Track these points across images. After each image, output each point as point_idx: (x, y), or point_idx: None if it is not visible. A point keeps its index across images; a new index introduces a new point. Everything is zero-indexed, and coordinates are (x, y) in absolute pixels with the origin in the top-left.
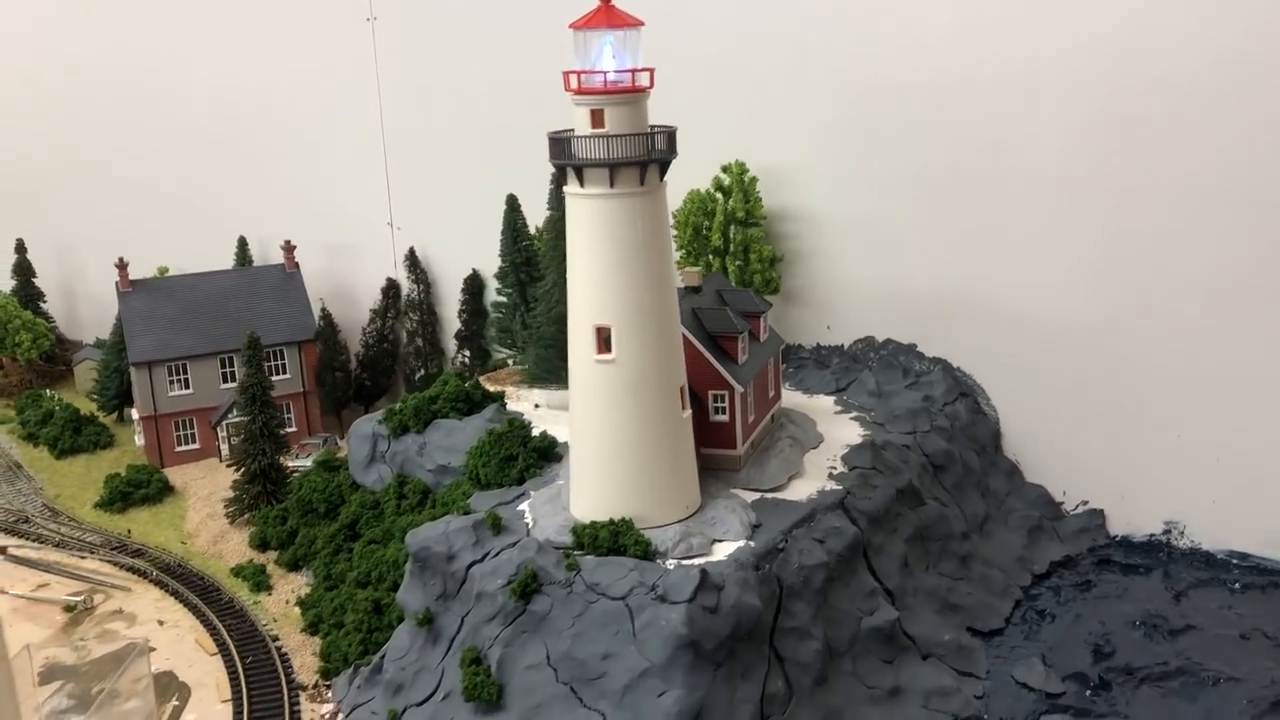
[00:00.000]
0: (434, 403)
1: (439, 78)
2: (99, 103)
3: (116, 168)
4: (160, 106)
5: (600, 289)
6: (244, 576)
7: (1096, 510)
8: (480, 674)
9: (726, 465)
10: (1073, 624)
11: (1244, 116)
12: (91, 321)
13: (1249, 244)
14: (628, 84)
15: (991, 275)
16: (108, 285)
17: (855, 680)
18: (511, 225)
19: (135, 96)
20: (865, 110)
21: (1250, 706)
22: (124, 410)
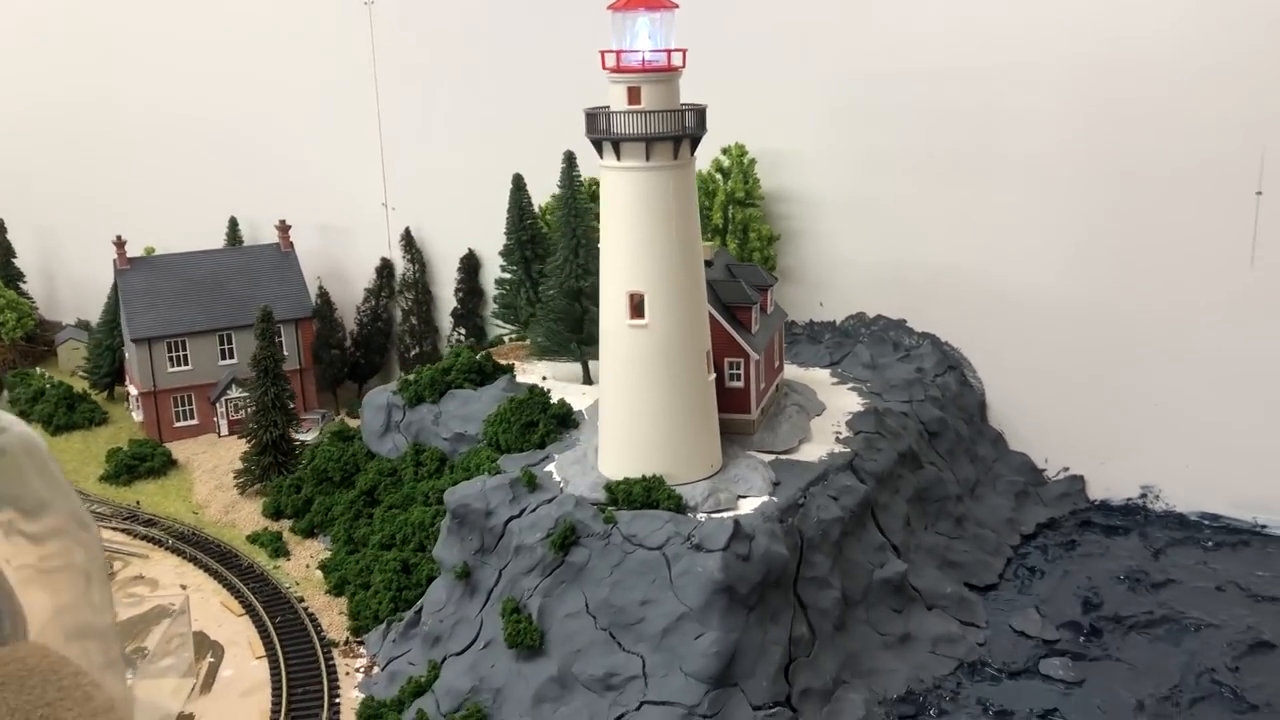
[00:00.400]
0: (448, 374)
1: (435, 60)
2: (78, 82)
3: (98, 148)
4: (144, 85)
5: (634, 257)
6: (261, 543)
7: (1077, 476)
8: (522, 621)
9: (741, 429)
10: (1061, 579)
11: (1226, 106)
12: (70, 303)
13: (1224, 227)
14: (664, 63)
15: (978, 254)
16: (88, 266)
17: (869, 628)
18: (517, 204)
19: (117, 75)
20: (860, 96)
21: (1230, 649)
22: (114, 388)
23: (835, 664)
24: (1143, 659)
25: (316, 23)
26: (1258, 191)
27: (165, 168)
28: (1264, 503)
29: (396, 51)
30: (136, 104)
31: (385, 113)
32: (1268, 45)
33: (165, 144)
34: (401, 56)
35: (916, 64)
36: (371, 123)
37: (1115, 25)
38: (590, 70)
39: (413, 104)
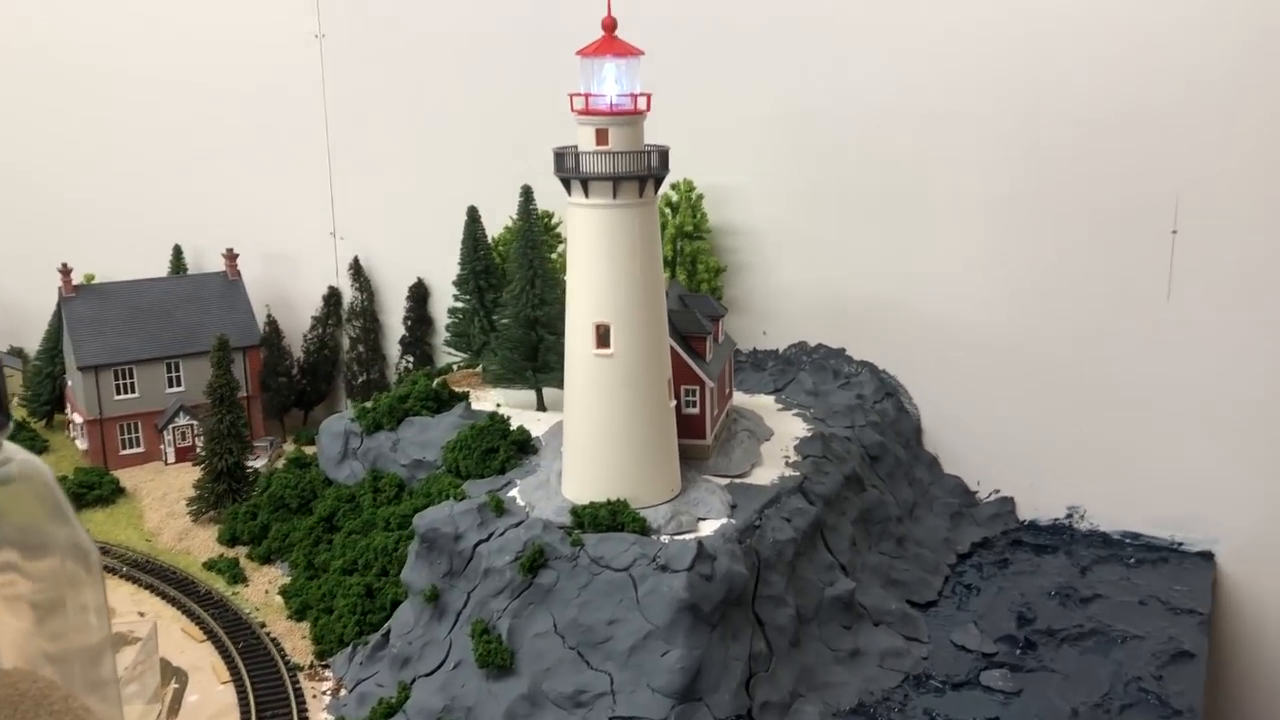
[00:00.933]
0: (405, 401)
1: (387, 92)
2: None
3: (34, 172)
4: (86, 110)
5: (601, 290)
6: (218, 570)
7: (1007, 498)
8: (492, 641)
9: (698, 454)
10: (996, 595)
11: (1143, 151)
12: (3, 328)
13: (1142, 263)
14: (630, 107)
15: (912, 286)
16: (22, 293)
17: (822, 644)
18: (472, 235)
19: (57, 98)
20: (802, 134)
21: (1154, 659)
22: (53, 416)
23: (792, 678)
24: (1075, 669)
25: (265, 53)
26: (1173, 230)
27: (106, 194)
28: (1180, 521)
29: (347, 83)
30: (76, 129)
31: (335, 143)
32: (1182, 95)
33: (106, 170)
34: (352, 88)
35: (853, 106)
36: (320, 152)
37: (1038, 75)
38: (544, 105)
39: (363, 134)
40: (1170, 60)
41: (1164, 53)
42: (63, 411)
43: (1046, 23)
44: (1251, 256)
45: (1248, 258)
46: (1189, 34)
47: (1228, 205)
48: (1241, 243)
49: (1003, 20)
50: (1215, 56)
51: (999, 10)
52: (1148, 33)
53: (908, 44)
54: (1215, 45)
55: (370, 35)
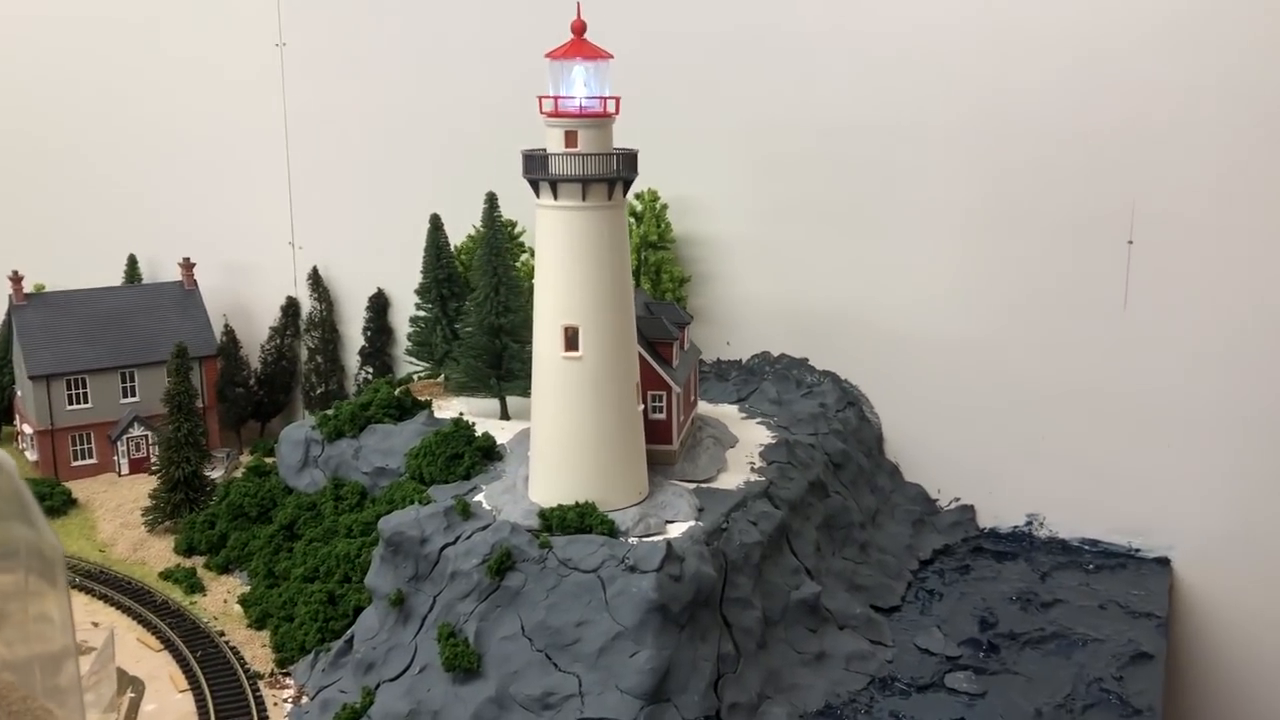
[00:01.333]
0: (367, 409)
1: (347, 101)
2: None
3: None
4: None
5: (569, 292)
6: (175, 579)
7: (968, 505)
8: (459, 644)
9: (663, 459)
10: (959, 600)
11: (1101, 163)
12: None
13: (1100, 273)
14: (599, 109)
15: (876, 296)
16: None
17: (788, 646)
18: (434, 243)
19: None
20: (766, 146)
21: (1114, 660)
22: (1, 428)
23: (759, 680)
24: (1037, 671)
25: (225, 61)
26: (1129, 241)
27: (59, 203)
28: (1137, 528)
29: (308, 92)
30: (28, 136)
31: (295, 152)
32: (1138, 109)
33: (59, 178)
34: (313, 96)
35: (818, 119)
36: (280, 161)
37: (1001, 90)
38: (508, 113)
39: (323, 143)
40: (1125, 77)
41: (1120, 70)
42: (11, 423)
43: (1008, 41)
44: (1205, 266)
45: (1202, 267)
46: (1144, 52)
47: (1182, 216)
48: (1196, 253)
49: (965, 38)
50: (1168, 74)
51: (962, 28)
52: (1104, 50)
53: (872, 59)
54: (1168, 63)
55: (332, 44)
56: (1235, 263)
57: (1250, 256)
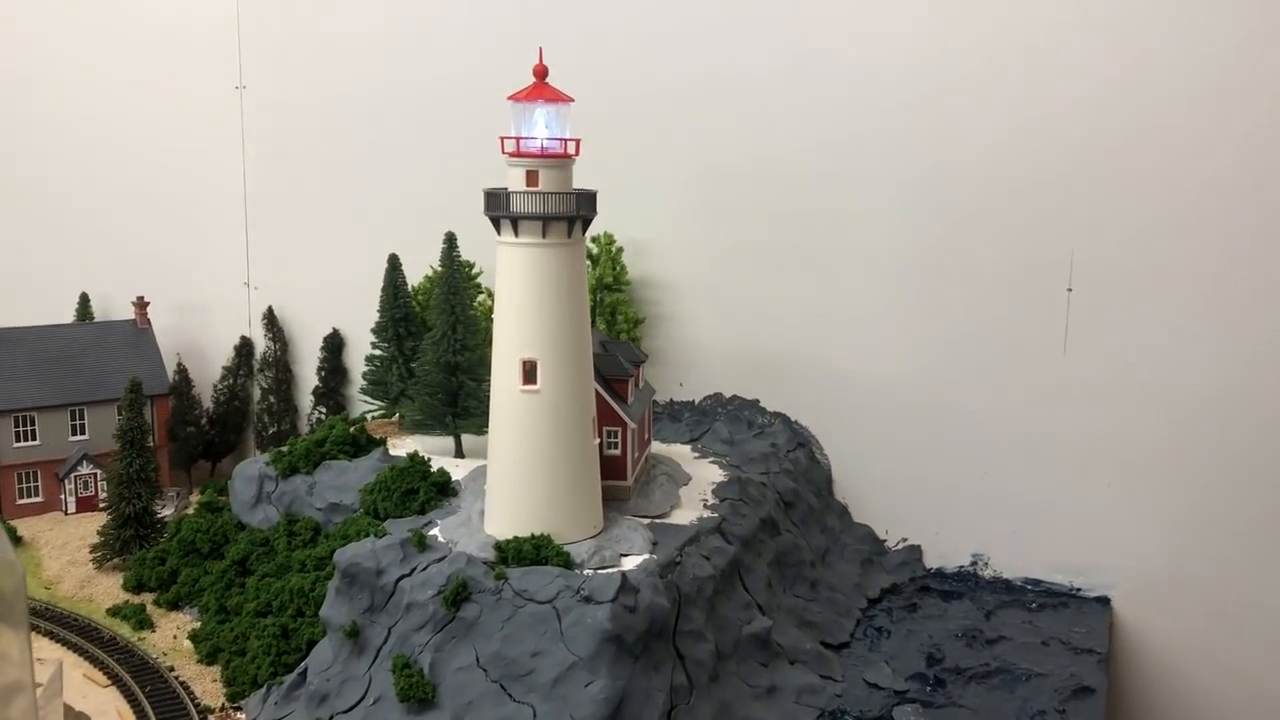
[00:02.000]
0: (322, 445)
1: (306, 144)
2: None
3: None
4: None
5: (529, 327)
6: (123, 616)
7: (915, 545)
8: (414, 675)
9: (618, 495)
10: (906, 637)
11: (1040, 213)
12: None
13: (1040, 319)
14: (560, 150)
15: (823, 340)
16: None
17: (739, 680)
18: (392, 282)
19: None
20: (719, 192)
21: (1056, 695)
22: None
23: (711, 712)
24: (983, 705)
25: (186, 103)
26: (1068, 288)
27: (10, 241)
28: (1078, 568)
29: (267, 134)
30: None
31: (252, 192)
32: (1075, 162)
33: (11, 215)
34: (271, 139)
35: (769, 167)
36: (237, 202)
37: (943, 143)
38: (466, 154)
39: (281, 185)
40: (1064, 125)
41: (1060, 124)
42: None
43: (952, 94)
44: (1142, 312)
45: (1141, 313)
46: (1083, 107)
47: (1121, 263)
48: (1135, 299)
49: (911, 92)
50: (1107, 122)
51: (906, 83)
52: (1045, 105)
53: (821, 110)
54: (1107, 111)
55: (291, 87)
56: (1171, 309)
57: (1185, 304)
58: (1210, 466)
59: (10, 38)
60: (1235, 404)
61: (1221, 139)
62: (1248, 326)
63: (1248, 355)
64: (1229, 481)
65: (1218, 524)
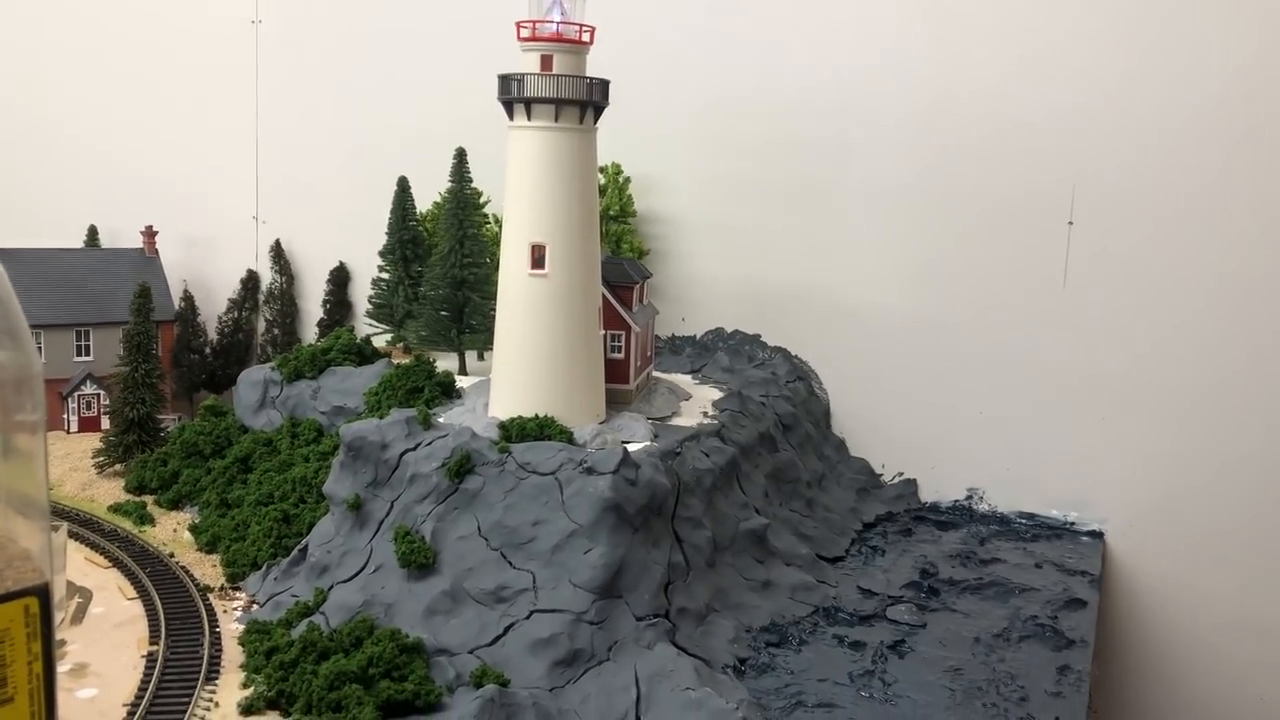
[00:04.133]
0: (327, 353)
1: (320, 79)
2: None
3: None
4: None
5: (538, 211)
6: (124, 512)
7: (910, 480)
8: (415, 542)
9: (620, 399)
10: (900, 556)
11: (1042, 147)
12: None
13: (1041, 252)
14: (575, 35)
15: (825, 274)
16: None
17: (735, 571)
18: (401, 204)
19: None
20: (724, 125)
21: (1049, 605)
22: None
23: (707, 594)
24: (976, 610)
25: (200, 37)
26: (1069, 221)
27: (17, 170)
28: (1073, 502)
29: (280, 68)
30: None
31: (264, 127)
32: (1076, 98)
33: (20, 145)
34: (286, 74)
35: (775, 99)
36: (249, 137)
37: (947, 77)
38: (478, 90)
39: (292, 118)
40: (1067, 61)
41: (1061, 57)
42: None
43: (956, 28)
44: (1143, 247)
45: (1139, 248)
46: (1084, 40)
47: (1121, 198)
48: (1134, 234)
49: (914, 22)
50: (1109, 59)
51: (911, 14)
52: (1046, 39)
53: (827, 42)
54: (1109, 48)
55: (308, 21)
56: (1171, 245)
57: (1185, 239)
58: (1203, 400)
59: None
60: (1231, 340)
61: (1225, 72)
62: (1248, 263)
63: (1245, 290)
64: (1222, 417)
65: (1209, 459)
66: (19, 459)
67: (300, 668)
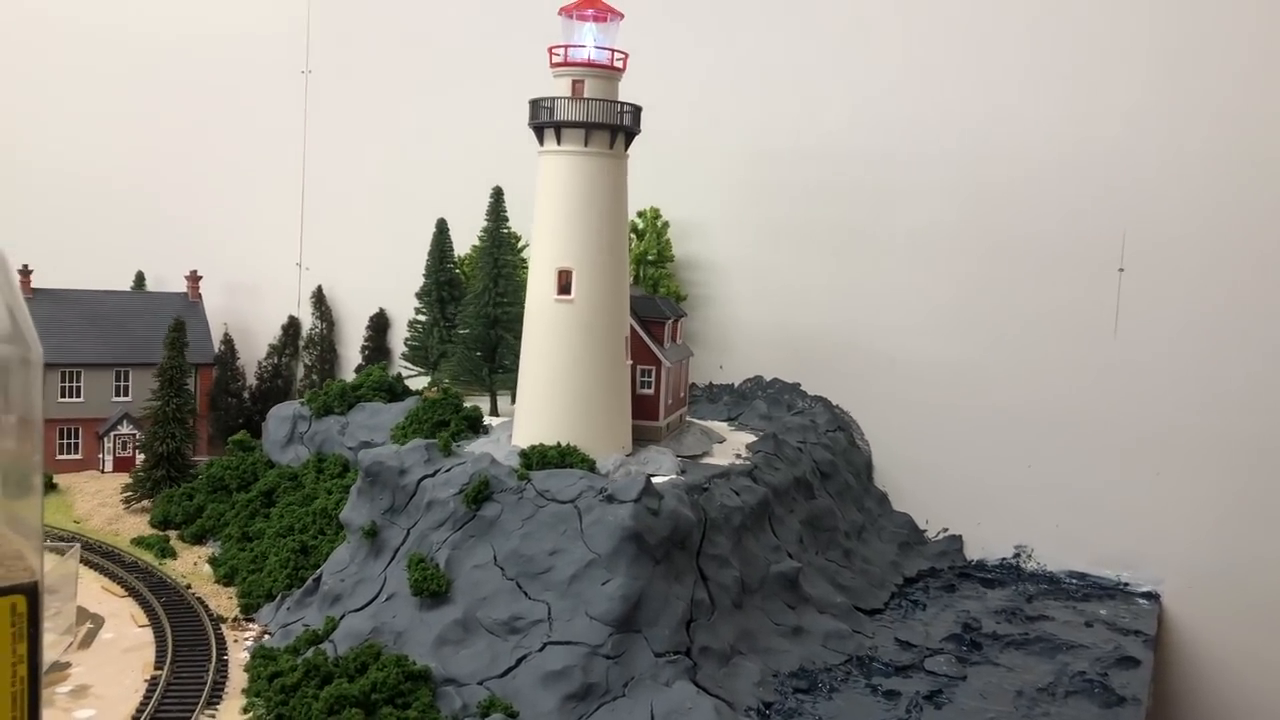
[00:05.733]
0: (357, 389)
1: (367, 128)
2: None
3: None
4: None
5: (565, 236)
6: (146, 545)
7: (955, 536)
8: (429, 569)
9: (649, 436)
10: (942, 610)
11: (1090, 191)
12: None
13: (1090, 300)
14: (606, 61)
15: (868, 322)
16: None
17: (765, 615)
18: (439, 246)
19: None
20: (764, 172)
21: (1099, 662)
22: None
23: (732, 635)
24: (1020, 664)
25: (253, 86)
26: (1119, 268)
27: (72, 220)
28: (1127, 561)
29: (328, 117)
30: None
31: (310, 175)
32: (1126, 139)
33: (74, 196)
34: (333, 122)
35: (815, 144)
36: (295, 184)
37: (992, 119)
38: (520, 144)
39: (338, 165)
40: (1114, 100)
41: (1108, 93)
42: None
43: (997, 66)
44: (1196, 294)
45: (1195, 295)
46: (1133, 74)
47: (1175, 243)
48: (1186, 280)
49: (956, 64)
50: (1159, 102)
51: (952, 56)
52: (1096, 78)
53: (868, 85)
54: (1158, 87)
55: (356, 71)
56: (1226, 291)
57: (1241, 284)
58: (1263, 453)
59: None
60: None
61: None
62: None
63: None
64: None
65: (1273, 517)
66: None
67: (301, 692)
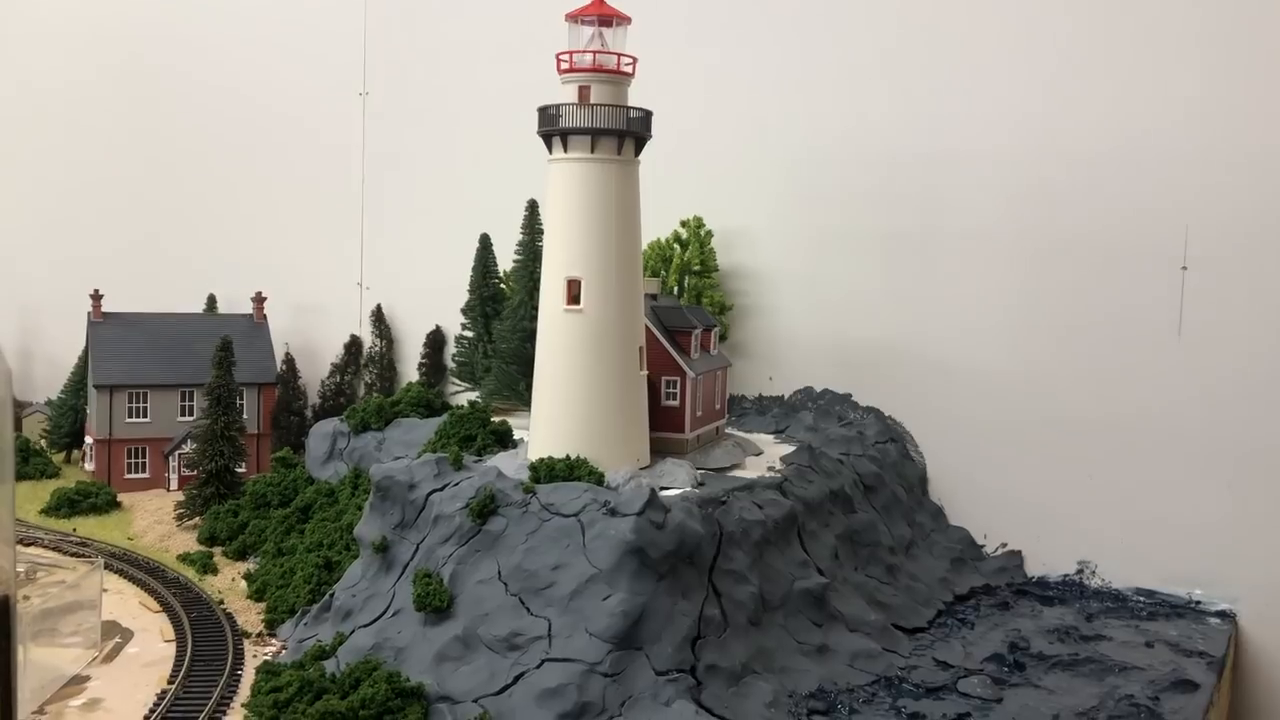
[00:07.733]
0: (396, 405)
1: (422, 148)
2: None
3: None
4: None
5: (573, 245)
6: (190, 561)
7: (1015, 551)
8: (433, 584)
9: (673, 448)
10: (991, 630)
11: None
12: (44, 382)
13: (1153, 301)
14: (612, 66)
15: (921, 330)
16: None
17: (786, 633)
18: (483, 261)
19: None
20: (812, 179)
21: (1152, 685)
22: (72, 451)
23: (745, 653)
24: (1063, 686)
25: (310, 111)
26: (1183, 267)
27: (146, 246)
28: (1198, 578)
29: (385, 139)
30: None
31: (370, 195)
32: (1187, 133)
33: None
34: (390, 143)
35: (866, 149)
36: (355, 206)
37: (1049, 117)
38: None
39: (396, 187)
40: (1174, 90)
41: (1168, 83)
42: (81, 446)
43: (1052, 63)
44: (1263, 291)
45: (1262, 293)
46: (1195, 74)
47: (1240, 239)
48: (1253, 277)
49: (1007, 63)
50: (1220, 96)
51: (1003, 54)
52: (1156, 74)
53: (916, 87)
54: (1220, 80)
55: (411, 94)
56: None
57: None
58: None
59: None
60: None
61: None
62: None
63: None
64: None
65: None
66: None
67: (293, 706)
